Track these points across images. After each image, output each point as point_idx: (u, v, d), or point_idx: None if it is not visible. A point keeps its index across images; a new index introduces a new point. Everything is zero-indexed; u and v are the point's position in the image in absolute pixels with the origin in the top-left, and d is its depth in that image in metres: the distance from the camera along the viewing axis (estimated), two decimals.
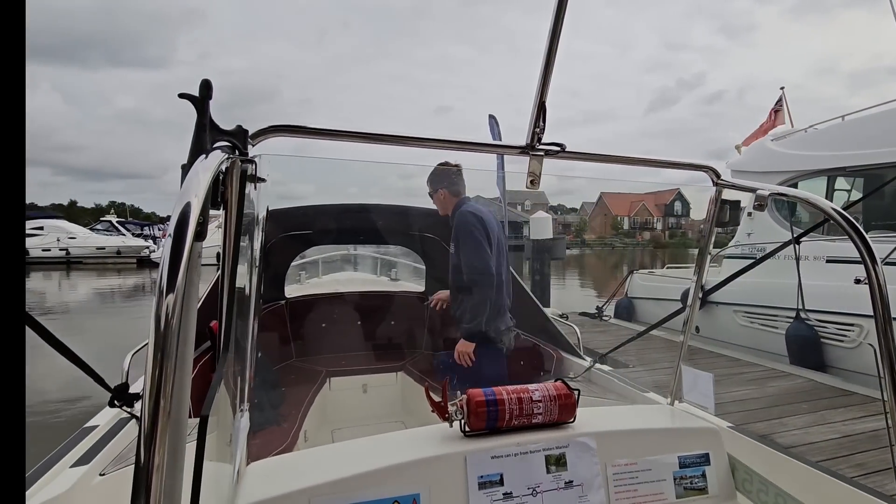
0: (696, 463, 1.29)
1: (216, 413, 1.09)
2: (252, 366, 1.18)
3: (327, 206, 3.15)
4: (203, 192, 0.58)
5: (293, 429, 2.14)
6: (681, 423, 1.39)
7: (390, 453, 1.09)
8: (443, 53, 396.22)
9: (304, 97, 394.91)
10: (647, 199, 67.10)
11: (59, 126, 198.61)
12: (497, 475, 1.12)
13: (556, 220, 56.58)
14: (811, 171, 6.47)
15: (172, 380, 0.50)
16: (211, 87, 0.70)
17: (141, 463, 0.48)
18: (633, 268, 10.24)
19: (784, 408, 3.89)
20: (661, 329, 2.26)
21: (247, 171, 0.79)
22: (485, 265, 2.25)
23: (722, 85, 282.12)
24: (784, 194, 1.15)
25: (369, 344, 3.29)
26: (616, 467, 1.22)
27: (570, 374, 2.42)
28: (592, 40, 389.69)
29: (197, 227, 0.66)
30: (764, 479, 1.27)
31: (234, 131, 0.75)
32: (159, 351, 0.49)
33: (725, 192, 1.30)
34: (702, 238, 1.45)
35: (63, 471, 1.23)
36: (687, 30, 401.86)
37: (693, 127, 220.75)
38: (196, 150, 0.67)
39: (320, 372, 2.95)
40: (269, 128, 0.90)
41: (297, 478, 1.00)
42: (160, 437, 0.48)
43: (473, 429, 1.17)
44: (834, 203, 1.11)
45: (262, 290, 3.24)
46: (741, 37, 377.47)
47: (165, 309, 0.50)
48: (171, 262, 0.51)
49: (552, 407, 1.21)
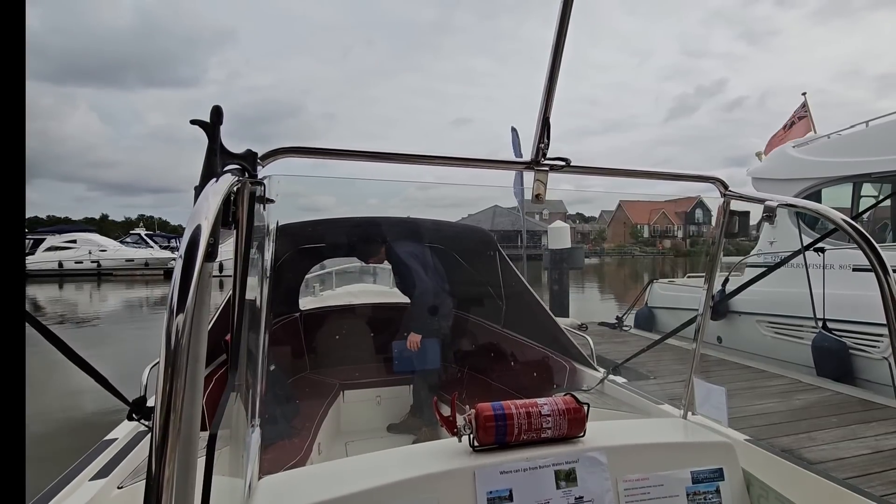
0: (710, 478, 1.26)
1: (229, 427, 1.13)
2: (263, 380, 1.21)
3: (339, 219, 3.21)
4: (213, 215, 0.61)
5: (307, 441, 2.17)
6: (694, 436, 1.37)
7: (399, 468, 1.10)
8: (463, 66, 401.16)
9: (327, 112, 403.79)
10: (666, 206, 65.94)
11: (96, 144, 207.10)
12: (506, 490, 1.12)
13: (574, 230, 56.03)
14: (835, 177, 6.29)
15: (182, 396, 0.51)
16: (221, 114, 0.73)
17: (152, 477, 0.49)
18: (653, 277, 10.05)
19: (812, 421, 3.75)
20: (680, 339, 2.22)
21: (255, 193, 0.82)
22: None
23: (742, 91, 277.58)
24: (793, 205, 1.14)
25: (382, 356, 3.31)
26: (627, 482, 1.20)
27: (583, 386, 2.39)
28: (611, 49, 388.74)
29: (208, 248, 0.70)
30: (780, 496, 1.24)
31: (243, 154, 0.79)
32: (170, 368, 0.51)
33: (734, 203, 1.29)
34: (711, 248, 1.44)
35: (82, 484, 1.27)
36: (706, 37, 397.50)
37: (713, 134, 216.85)
38: (207, 173, 0.70)
39: (334, 384, 2.98)
40: (278, 150, 0.93)
41: (307, 493, 1.02)
42: (170, 452, 0.50)
43: (482, 443, 1.17)
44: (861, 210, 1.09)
45: (277, 303, 3.31)
46: (762, 42, 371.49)
47: (176, 328, 0.52)
48: (181, 282, 0.53)
49: (561, 421, 1.20)
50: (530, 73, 1.10)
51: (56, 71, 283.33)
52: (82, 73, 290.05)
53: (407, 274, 2.98)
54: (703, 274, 1.50)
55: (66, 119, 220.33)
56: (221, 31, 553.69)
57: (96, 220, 71.76)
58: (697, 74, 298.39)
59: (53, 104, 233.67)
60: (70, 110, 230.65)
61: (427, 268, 3.05)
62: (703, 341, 1.51)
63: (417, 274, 2.96)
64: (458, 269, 3.33)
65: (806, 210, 1.15)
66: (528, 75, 1.17)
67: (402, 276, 3.12)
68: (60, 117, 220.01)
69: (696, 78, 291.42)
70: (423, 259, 3.08)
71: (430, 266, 3.08)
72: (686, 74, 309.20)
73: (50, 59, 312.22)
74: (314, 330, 3.42)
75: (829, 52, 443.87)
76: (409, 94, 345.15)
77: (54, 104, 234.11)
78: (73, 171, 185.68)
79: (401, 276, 3.13)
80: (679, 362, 5.33)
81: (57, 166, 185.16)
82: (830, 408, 4.08)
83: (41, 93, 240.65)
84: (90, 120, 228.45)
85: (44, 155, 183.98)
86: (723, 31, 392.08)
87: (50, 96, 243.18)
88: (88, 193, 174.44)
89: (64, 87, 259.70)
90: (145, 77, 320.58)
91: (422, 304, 2.93)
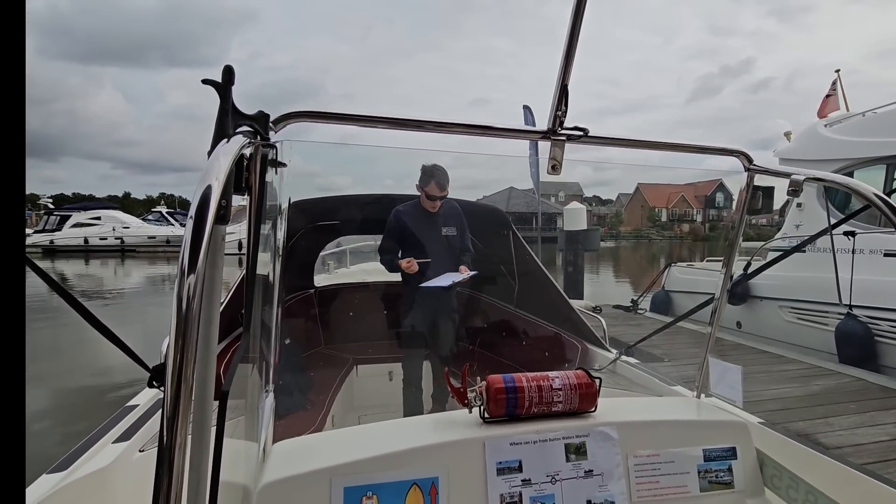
0: (722, 457, 1.25)
1: (244, 395, 1.15)
2: (277, 349, 1.23)
3: (354, 196, 3.21)
4: (223, 176, 0.59)
5: (321, 413, 2.22)
6: (707, 416, 1.36)
7: (410, 437, 1.11)
8: (484, 45, 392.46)
9: (346, 92, 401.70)
10: (686, 190, 64.40)
11: (121, 122, 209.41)
12: (516, 461, 1.13)
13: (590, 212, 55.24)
14: (869, 158, 6.02)
15: (194, 361, 0.50)
16: (233, 73, 0.71)
17: (164, 442, 0.48)
18: (670, 261, 9.90)
19: (830, 407, 3.69)
20: (696, 322, 2.19)
21: (267, 156, 0.81)
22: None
23: (769, 72, 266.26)
24: (821, 179, 1.09)
25: (395, 332, 3.35)
26: (638, 458, 1.20)
27: (594, 366, 2.39)
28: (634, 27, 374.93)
29: (220, 210, 0.69)
30: (794, 476, 1.23)
31: (255, 116, 0.77)
32: (181, 333, 0.49)
33: (758, 178, 1.25)
34: (732, 228, 1.40)
35: (106, 446, 1.32)
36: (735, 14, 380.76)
37: (737, 116, 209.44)
38: (219, 134, 0.69)
39: (347, 359, 3.03)
40: (291, 113, 0.92)
41: (319, 457, 1.04)
42: (182, 416, 0.49)
43: (493, 415, 1.18)
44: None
45: (292, 279, 3.35)
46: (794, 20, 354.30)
47: (187, 290, 0.50)
48: (192, 244, 0.51)
49: (573, 395, 1.20)
50: (550, 53, 1.06)
51: (84, 51, 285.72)
52: (108, 53, 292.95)
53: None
54: (722, 258, 1.46)
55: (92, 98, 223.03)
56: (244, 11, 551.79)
57: (119, 197, 73.24)
58: (724, 54, 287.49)
59: (80, 83, 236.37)
60: (96, 90, 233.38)
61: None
62: (721, 325, 1.48)
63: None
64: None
65: (835, 185, 1.10)
66: (549, 55, 1.13)
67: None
68: (87, 97, 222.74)
69: (723, 57, 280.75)
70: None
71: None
72: (711, 54, 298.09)
73: (78, 40, 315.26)
74: (328, 306, 3.47)
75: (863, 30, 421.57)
76: (427, 74, 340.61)
77: (81, 83, 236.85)
78: (99, 149, 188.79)
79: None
80: (694, 346, 5.28)
81: (83, 145, 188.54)
82: (850, 394, 4.01)
83: (69, 72, 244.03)
84: (115, 99, 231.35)
85: (71, 134, 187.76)
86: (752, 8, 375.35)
87: (77, 76, 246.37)
88: (113, 172, 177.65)
89: (90, 67, 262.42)
90: (168, 57, 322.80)
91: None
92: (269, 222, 1.06)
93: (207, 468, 0.73)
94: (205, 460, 0.74)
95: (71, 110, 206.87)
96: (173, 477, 0.48)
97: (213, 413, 0.76)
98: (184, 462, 0.50)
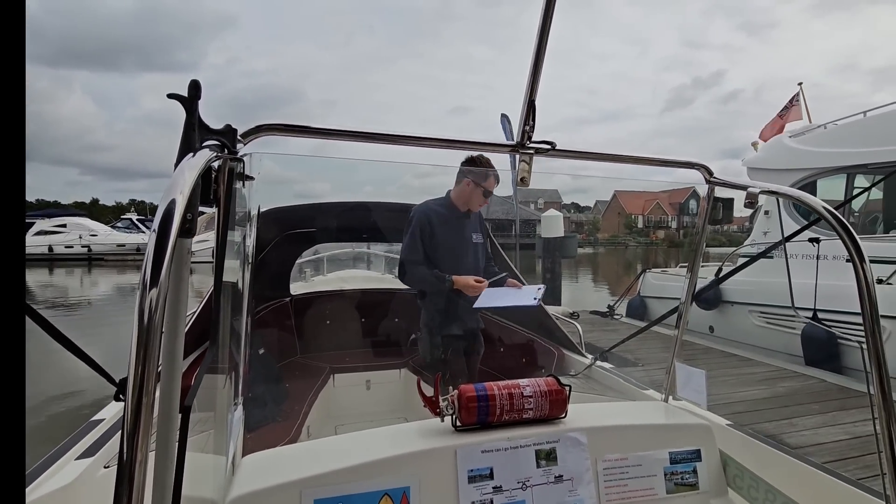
0: (688, 459, 1.29)
1: (214, 409, 1.14)
2: (245, 360, 1.22)
3: (330, 203, 3.19)
4: (188, 190, 0.59)
5: (296, 424, 2.19)
6: (673, 419, 1.40)
7: (382, 447, 1.12)
8: (463, 53, 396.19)
9: (327, 98, 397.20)
10: (661, 197, 66.07)
11: (91, 126, 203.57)
12: (487, 469, 1.15)
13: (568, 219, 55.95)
14: (830, 168, 6.31)
15: (156, 374, 0.50)
16: (200, 88, 0.72)
17: (124, 458, 0.47)
18: (646, 267, 10.12)
19: (794, 408, 3.83)
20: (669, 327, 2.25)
21: (234, 170, 0.81)
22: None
23: (739, 84, 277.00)
24: (775, 192, 1.15)
25: (373, 341, 3.33)
26: (606, 462, 1.23)
27: (570, 372, 2.43)
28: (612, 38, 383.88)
29: (186, 224, 0.69)
30: (755, 476, 1.27)
31: (222, 130, 0.78)
32: (142, 346, 0.48)
33: (719, 190, 1.30)
34: (696, 236, 1.45)
35: (69, 463, 1.27)
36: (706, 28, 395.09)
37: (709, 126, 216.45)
38: (184, 148, 0.69)
39: (324, 368, 3.00)
40: (261, 126, 0.92)
41: (289, 470, 1.03)
42: (143, 432, 0.48)
43: (464, 423, 1.19)
44: (853, 203, 1.08)
45: (267, 288, 3.31)
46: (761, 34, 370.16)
47: (149, 303, 0.50)
48: (154, 257, 0.52)
49: (543, 402, 1.23)
50: (528, 62, 1.09)
51: (53, 53, 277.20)
52: (79, 56, 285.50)
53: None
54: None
55: (61, 102, 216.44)
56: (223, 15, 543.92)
57: (87, 204, 70.84)
58: (696, 66, 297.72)
59: (48, 87, 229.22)
60: (65, 94, 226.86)
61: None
62: (692, 330, 1.54)
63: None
64: None
65: (787, 197, 1.15)
66: (528, 64, 1.15)
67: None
68: (55, 100, 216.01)
69: (695, 69, 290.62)
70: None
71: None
72: (685, 66, 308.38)
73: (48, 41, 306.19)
74: (305, 314, 3.43)
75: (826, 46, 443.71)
76: (408, 81, 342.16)
77: (49, 87, 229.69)
78: (66, 154, 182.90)
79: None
80: (665, 350, 5.37)
81: (50, 150, 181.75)
82: (813, 395, 4.16)
83: (36, 76, 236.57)
84: (85, 103, 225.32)
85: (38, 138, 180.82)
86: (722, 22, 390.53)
87: (45, 79, 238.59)
88: (81, 178, 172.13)
89: (59, 70, 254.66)
90: (143, 61, 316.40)
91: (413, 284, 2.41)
92: (240, 232, 1.05)
93: (171, 482, 0.72)
94: (169, 476, 0.73)
95: (38, 114, 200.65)
96: (133, 494, 0.48)
97: (188, 428, 0.75)
98: (144, 478, 0.49)
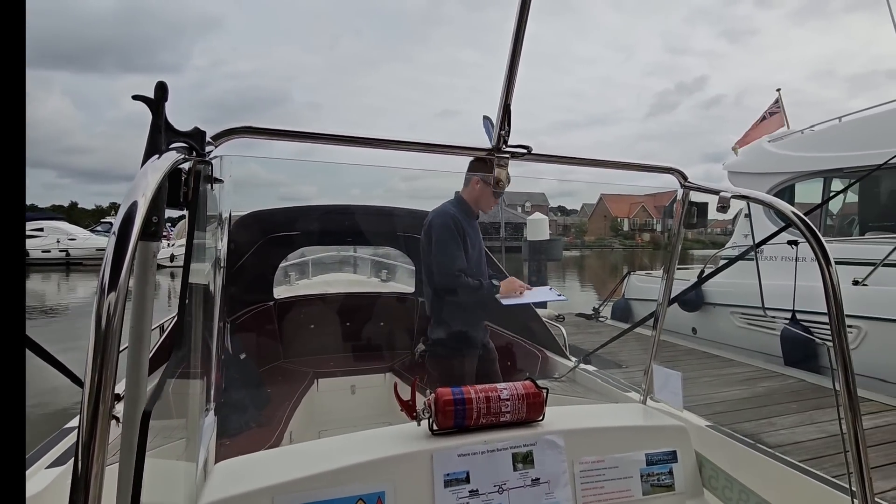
0: (664, 460, 1.31)
1: (186, 416, 1.11)
2: (216, 365, 1.20)
3: (312, 206, 3.16)
4: (150, 192, 0.58)
5: (278, 429, 2.16)
6: (650, 420, 1.41)
7: (357, 451, 1.10)
8: (451, 57, 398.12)
9: (313, 101, 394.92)
10: (646, 201, 66.91)
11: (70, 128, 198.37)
12: (463, 473, 1.14)
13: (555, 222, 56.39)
14: (808, 171, 6.46)
15: (114, 382, 0.48)
16: (166, 90, 0.71)
17: (79, 470, 0.46)
18: (631, 269, 10.23)
19: (773, 408, 3.90)
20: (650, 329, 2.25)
21: (201, 173, 0.80)
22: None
23: (721, 89, 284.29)
24: (746, 196, 1.17)
25: (357, 345, 3.30)
26: (583, 464, 1.24)
27: (555, 374, 2.44)
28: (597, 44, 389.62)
29: (151, 227, 0.68)
30: (729, 476, 1.29)
31: (190, 132, 0.77)
32: (99, 353, 0.47)
33: (693, 194, 1.32)
34: (671, 239, 1.47)
35: (39, 471, 1.24)
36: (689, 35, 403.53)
37: (692, 131, 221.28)
38: (150, 150, 0.68)
39: (308, 373, 2.97)
40: (232, 129, 0.91)
41: (261, 476, 1.02)
42: (99, 441, 0.47)
43: (441, 427, 1.18)
44: (830, 206, 1.10)
45: (250, 292, 3.26)
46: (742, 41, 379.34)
47: (107, 308, 0.49)
48: (113, 260, 0.51)
49: (520, 405, 1.23)
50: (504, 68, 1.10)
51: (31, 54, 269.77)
52: (58, 56, 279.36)
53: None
54: (680, 266, 1.53)
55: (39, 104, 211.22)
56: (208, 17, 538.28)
57: (65, 207, 69.15)
58: (679, 71, 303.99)
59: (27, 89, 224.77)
60: (44, 95, 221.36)
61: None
62: (675, 332, 1.56)
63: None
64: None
65: (758, 201, 1.18)
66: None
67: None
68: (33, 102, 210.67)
69: (678, 75, 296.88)
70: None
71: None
72: (668, 71, 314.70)
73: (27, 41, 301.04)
74: (288, 318, 3.39)
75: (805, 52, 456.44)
76: (396, 85, 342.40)
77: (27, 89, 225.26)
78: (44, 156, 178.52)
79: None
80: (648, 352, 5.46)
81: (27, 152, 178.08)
82: (791, 394, 4.25)
83: None
84: (64, 105, 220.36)
85: None
86: (705, 29, 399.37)
87: None
88: (59, 180, 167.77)
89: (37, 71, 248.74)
90: (124, 62, 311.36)
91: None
92: (211, 235, 1.04)
93: (139, 490, 0.70)
94: (137, 483, 0.71)
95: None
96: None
97: (147, 434, 0.74)
98: (101, 489, 0.48)
